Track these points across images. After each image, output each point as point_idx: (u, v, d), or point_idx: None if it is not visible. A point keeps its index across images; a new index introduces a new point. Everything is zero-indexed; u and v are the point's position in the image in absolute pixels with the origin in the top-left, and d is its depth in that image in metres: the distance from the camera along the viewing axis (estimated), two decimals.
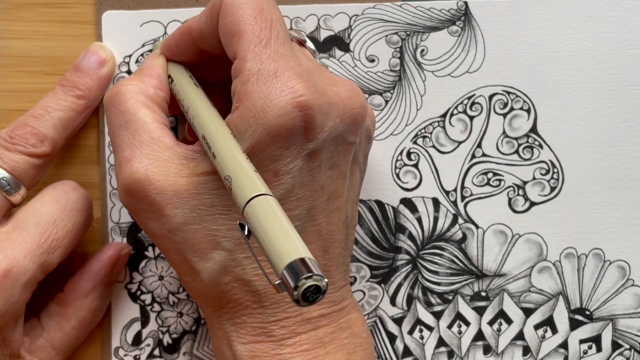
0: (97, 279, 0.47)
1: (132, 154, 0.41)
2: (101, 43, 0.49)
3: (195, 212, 0.40)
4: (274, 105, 0.39)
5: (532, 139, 0.50)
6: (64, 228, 0.44)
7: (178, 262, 0.42)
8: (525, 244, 0.50)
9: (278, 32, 0.40)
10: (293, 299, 0.33)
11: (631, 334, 0.50)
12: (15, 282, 0.42)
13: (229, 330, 0.42)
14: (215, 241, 0.40)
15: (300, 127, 0.39)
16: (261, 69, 0.39)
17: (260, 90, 0.39)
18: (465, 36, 0.49)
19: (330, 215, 0.42)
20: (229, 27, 0.40)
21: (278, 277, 0.33)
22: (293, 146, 0.39)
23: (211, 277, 0.41)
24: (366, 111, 0.42)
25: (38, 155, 0.45)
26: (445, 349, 0.50)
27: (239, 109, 0.39)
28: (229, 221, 0.40)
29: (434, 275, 0.50)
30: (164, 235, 0.41)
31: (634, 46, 0.49)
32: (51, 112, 0.46)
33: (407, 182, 0.50)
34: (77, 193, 0.46)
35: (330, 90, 0.41)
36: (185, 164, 0.41)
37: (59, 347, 0.46)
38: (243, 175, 0.37)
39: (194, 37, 0.44)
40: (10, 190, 0.44)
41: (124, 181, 0.41)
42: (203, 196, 0.40)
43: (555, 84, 0.49)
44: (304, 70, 0.40)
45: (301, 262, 0.33)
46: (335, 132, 0.41)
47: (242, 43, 0.40)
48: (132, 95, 0.43)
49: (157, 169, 0.41)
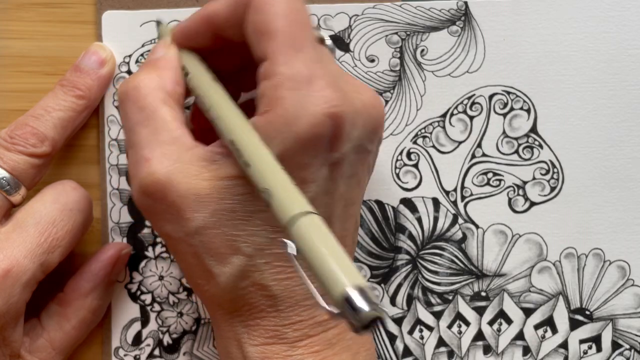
0: (98, 279, 0.47)
1: (151, 154, 0.40)
2: (101, 43, 0.49)
3: (215, 217, 0.39)
4: (308, 114, 0.38)
5: (532, 139, 0.50)
6: (64, 228, 0.44)
7: (193, 265, 0.41)
8: (525, 244, 0.50)
9: (310, 35, 0.39)
10: (353, 328, 0.32)
11: (631, 334, 0.50)
12: (15, 282, 0.42)
13: (240, 332, 0.41)
14: (235, 246, 0.40)
15: (330, 136, 0.38)
16: (295, 75, 0.38)
17: (294, 97, 0.38)
18: (465, 36, 0.49)
19: (345, 222, 0.42)
20: (260, 25, 0.39)
21: (334, 303, 0.33)
22: (321, 155, 0.39)
23: (229, 281, 0.40)
24: (384, 119, 0.42)
25: (38, 155, 0.45)
26: (445, 349, 0.50)
27: (269, 113, 0.38)
28: (250, 227, 0.39)
29: (434, 275, 0.50)
30: (180, 238, 0.40)
31: (634, 46, 0.49)
32: (51, 112, 0.46)
33: (407, 182, 0.50)
34: (76, 193, 0.46)
35: (357, 98, 0.40)
36: (205, 166, 0.40)
37: (59, 347, 0.46)
38: (285, 189, 0.36)
39: (217, 23, 0.42)
40: (10, 190, 0.44)
41: (142, 181, 0.40)
42: (225, 201, 0.39)
43: (555, 84, 0.49)
44: (334, 77, 0.39)
45: (360, 291, 0.32)
46: (359, 141, 0.40)
47: (274, 44, 0.39)
48: (151, 90, 0.41)
49: (178, 170, 0.39)
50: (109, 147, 0.49)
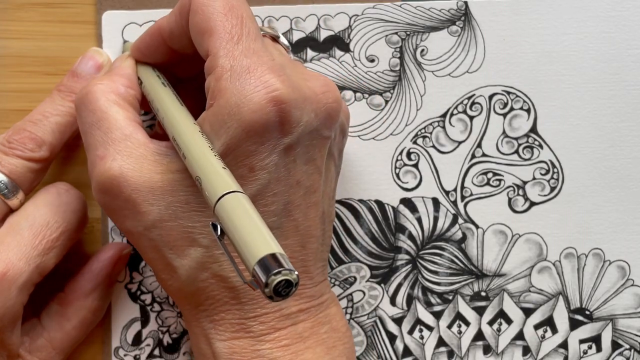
0: (98, 279, 0.47)
1: (105, 152, 0.41)
2: (98, 48, 0.49)
3: (170, 209, 0.40)
4: (248, 101, 0.39)
5: (532, 139, 0.50)
6: (58, 229, 0.44)
7: (155, 260, 0.42)
8: (525, 244, 0.50)
9: (249, 28, 0.41)
10: (266, 296, 0.33)
11: (631, 334, 0.50)
12: (11, 284, 0.42)
13: (207, 328, 0.42)
14: (191, 238, 0.41)
15: (275, 121, 0.39)
16: (234, 65, 0.39)
17: (234, 87, 0.39)
18: (465, 36, 0.49)
19: (307, 210, 0.42)
20: (200, 25, 0.41)
21: (250, 274, 0.33)
22: (268, 141, 0.39)
23: (188, 274, 0.41)
24: (340, 106, 0.42)
25: (36, 160, 0.45)
26: (445, 349, 0.50)
27: (213, 106, 0.40)
28: (204, 218, 0.40)
29: (434, 275, 0.50)
30: (140, 232, 0.41)
31: (634, 46, 0.49)
32: (49, 117, 0.46)
33: (407, 182, 0.50)
34: (70, 194, 0.46)
35: (304, 85, 0.41)
36: (158, 160, 0.41)
37: (59, 346, 0.46)
38: (212, 173, 0.37)
39: (165, 37, 0.44)
40: (8, 194, 0.44)
41: (98, 179, 0.41)
42: (178, 193, 0.40)
43: (555, 84, 0.49)
44: (278, 65, 0.40)
45: (272, 258, 0.33)
46: (310, 126, 0.41)
47: (213, 40, 0.40)
48: (102, 94, 0.43)
49: (131, 165, 0.41)
50: None
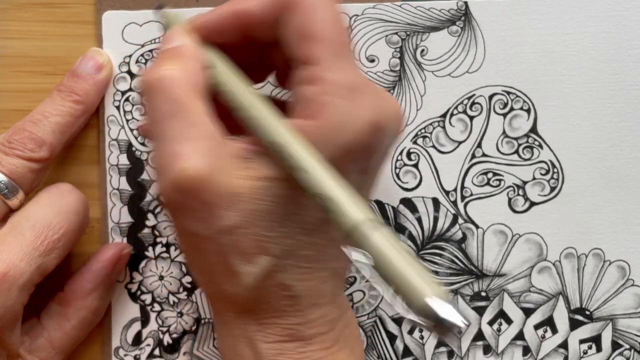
0: (98, 279, 0.47)
1: (185, 148, 0.38)
2: (98, 48, 0.49)
3: (248, 217, 0.38)
4: (353, 123, 0.38)
5: (532, 139, 0.50)
6: (60, 230, 0.44)
7: (214, 264, 0.40)
8: (525, 244, 0.50)
9: (350, 42, 0.40)
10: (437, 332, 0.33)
11: (631, 334, 0.50)
12: (12, 285, 0.42)
13: (251, 330, 0.41)
14: (264, 247, 0.39)
15: (369, 145, 0.39)
16: (342, 82, 0.38)
17: (342, 105, 0.38)
18: (465, 36, 0.49)
19: None
20: (306, 28, 0.39)
21: (415, 311, 0.33)
22: (358, 162, 0.39)
23: (253, 281, 0.39)
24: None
25: (36, 160, 0.45)
26: (445, 348, 0.50)
27: (316, 119, 0.38)
28: (282, 229, 0.39)
29: (434, 275, 0.50)
30: (208, 236, 0.39)
31: (634, 46, 0.49)
32: (49, 117, 0.46)
33: (407, 182, 0.50)
34: (72, 195, 0.46)
35: (390, 106, 0.40)
36: (239, 164, 0.38)
37: (59, 346, 0.46)
38: (346, 195, 0.36)
39: (249, 23, 0.41)
40: (8, 194, 0.45)
41: (174, 177, 0.37)
42: (260, 202, 0.38)
43: (555, 84, 0.49)
44: (374, 85, 0.40)
45: (442, 300, 0.33)
46: (387, 147, 0.41)
47: (320, 49, 0.38)
48: (179, 82, 0.39)
49: (214, 167, 0.37)
50: (109, 147, 0.49)
